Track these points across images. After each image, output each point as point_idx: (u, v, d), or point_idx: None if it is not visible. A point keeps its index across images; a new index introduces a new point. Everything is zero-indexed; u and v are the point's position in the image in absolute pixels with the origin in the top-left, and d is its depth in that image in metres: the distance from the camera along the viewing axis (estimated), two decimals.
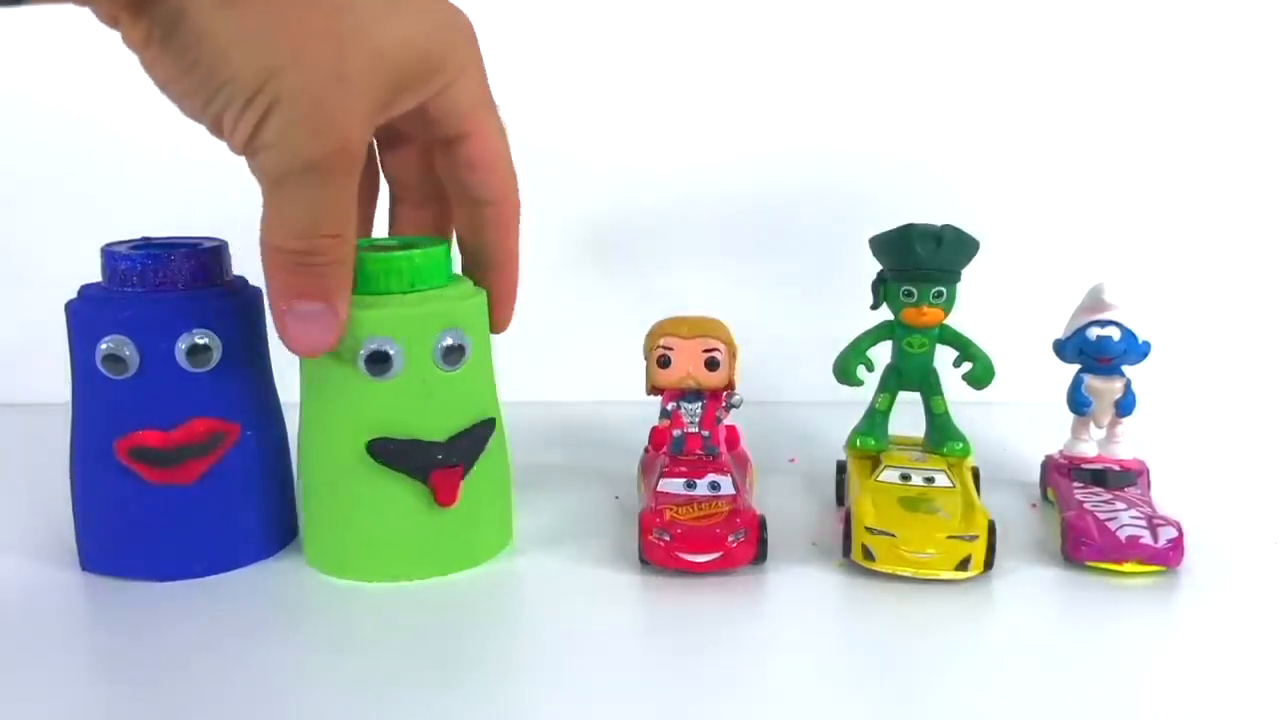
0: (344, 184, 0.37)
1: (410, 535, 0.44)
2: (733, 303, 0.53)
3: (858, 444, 0.51)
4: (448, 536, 0.44)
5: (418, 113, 0.40)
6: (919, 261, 0.48)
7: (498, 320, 0.47)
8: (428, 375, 0.42)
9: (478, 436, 0.44)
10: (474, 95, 0.41)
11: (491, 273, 0.46)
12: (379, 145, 0.46)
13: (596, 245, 0.70)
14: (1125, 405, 0.51)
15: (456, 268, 0.46)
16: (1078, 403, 0.51)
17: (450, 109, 0.40)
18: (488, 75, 0.42)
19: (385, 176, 0.47)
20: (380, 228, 0.48)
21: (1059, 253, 0.68)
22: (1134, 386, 0.50)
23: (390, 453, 0.42)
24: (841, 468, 0.53)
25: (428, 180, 0.45)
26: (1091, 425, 0.52)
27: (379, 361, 0.41)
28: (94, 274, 0.44)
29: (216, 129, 0.36)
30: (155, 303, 0.43)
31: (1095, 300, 0.50)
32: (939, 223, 0.48)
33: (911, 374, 0.51)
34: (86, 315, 0.43)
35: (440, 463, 0.43)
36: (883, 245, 0.49)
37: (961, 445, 0.50)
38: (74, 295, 0.44)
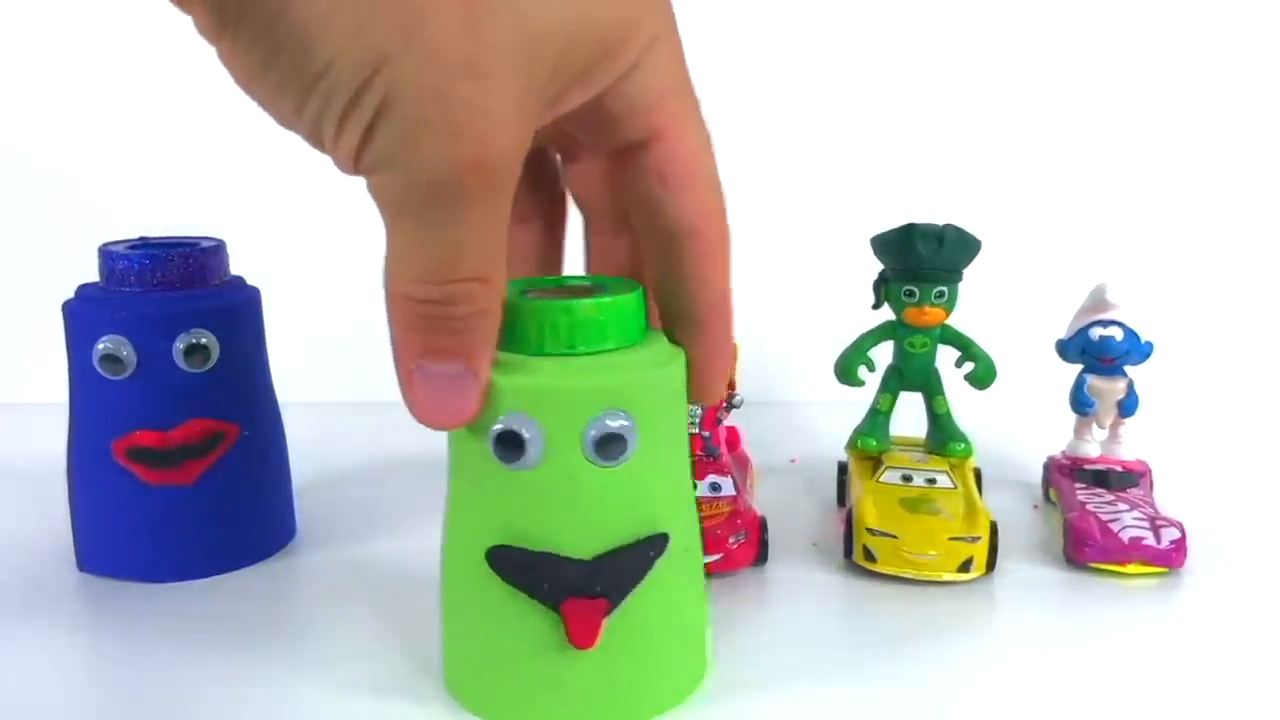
0: (488, 209, 0.28)
1: (538, 677, 0.33)
2: (733, 302, 0.53)
3: (859, 444, 0.51)
4: (588, 686, 0.33)
5: (592, 108, 0.30)
6: (920, 261, 0.48)
7: (702, 389, 0.34)
8: (575, 470, 0.31)
9: (637, 558, 0.32)
10: (666, 81, 0.30)
11: (692, 328, 0.34)
12: (559, 155, 0.36)
13: None
14: (1128, 406, 0.50)
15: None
16: (1080, 403, 0.51)
17: (634, 101, 0.30)
18: (685, 54, 0.31)
19: (571, 196, 0.37)
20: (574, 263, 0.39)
21: (1061, 252, 0.68)
22: (1137, 387, 0.50)
23: (512, 567, 0.32)
24: (843, 468, 0.53)
25: (621, 201, 0.34)
26: (1094, 426, 0.52)
27: (509, 445, 0.31)
28: (91, 274, 0.44)
29: (316, 139, 0.27)
30: (153, 302, 0.42)
31: (1098, 300, 0.50)
32: (941, 222, 0.48)
33: (913, 374, 0.51)
34: (84, 315, 0.42)
35: (575, 589, 0.32)
36: (884, 245, 0.49)
37: (963, 446, 0.50)
38: (71, 295, 0.44)
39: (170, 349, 0.42)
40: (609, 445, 0.31)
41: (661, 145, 0.31)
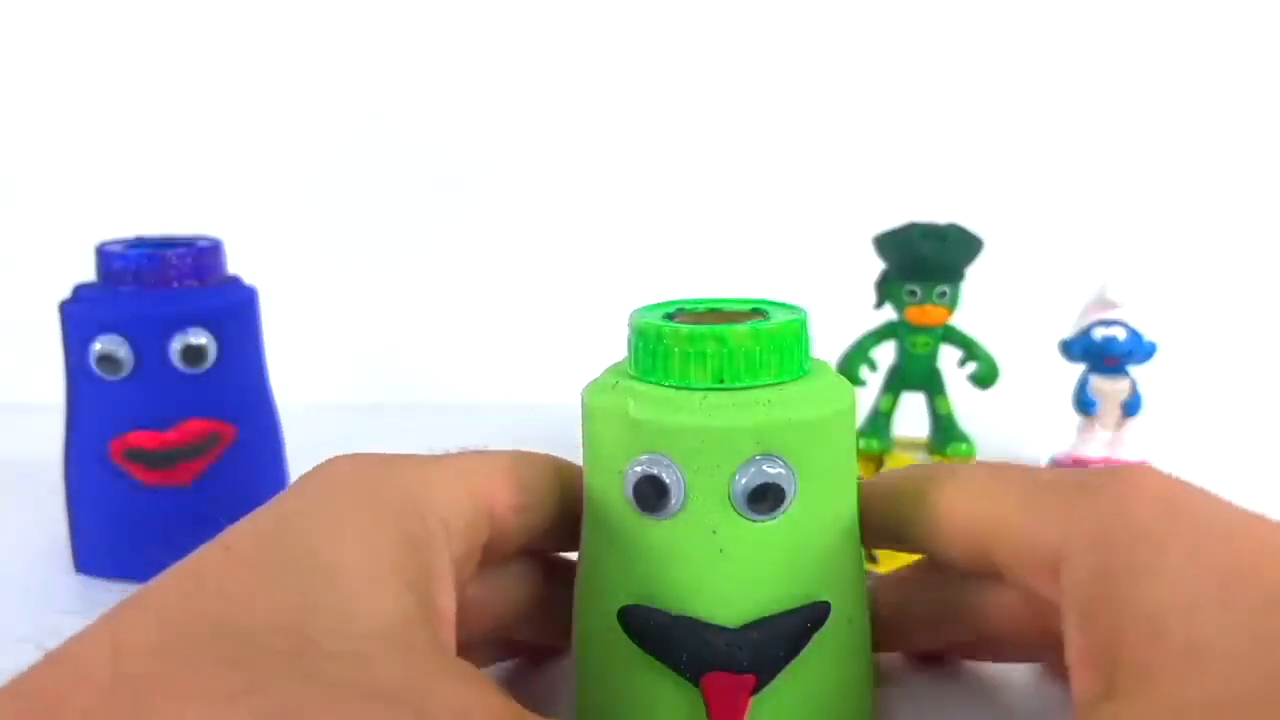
0: None
1: None
2: None
3: (861, 445, 0.51)
4: None
5: None
6: (923, 260, 0.47)
7: None
8: (720, 523, 0.27)
9: (792, 629, 0.27)
10: None
11: None
12: None
13: (597, 244, 0.70)
14: (1131, 406, 0.50)
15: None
16: (1083, 403, 0.50)
17: None
18: None
19: None
20: None
21: (1064, 251, 0.68)
22: (1140, 387, 0.50)
23: (645, 631, 0.28)
24: None
25: None
26: (1097, 426, 0.51)
27: (649, 492, 0.27)
28: (88, 273, 0.44)
29: None
30: (150, 302, 0.42)
31: (1101, 299, 0.50)
32: (943, 220, 0.48)
33: (915, 374, 0.50)
34: (80, 315, 0.42)
35: (718, 662, 0.27)
36: (886, 243, 0.49)
37: (966, 446, 0.50)
38: (68, 295, 0.44)
39: (167, 349, 0.42)
40: (761, 496, 0.27)
41: None
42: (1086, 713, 0.22)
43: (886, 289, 0.49)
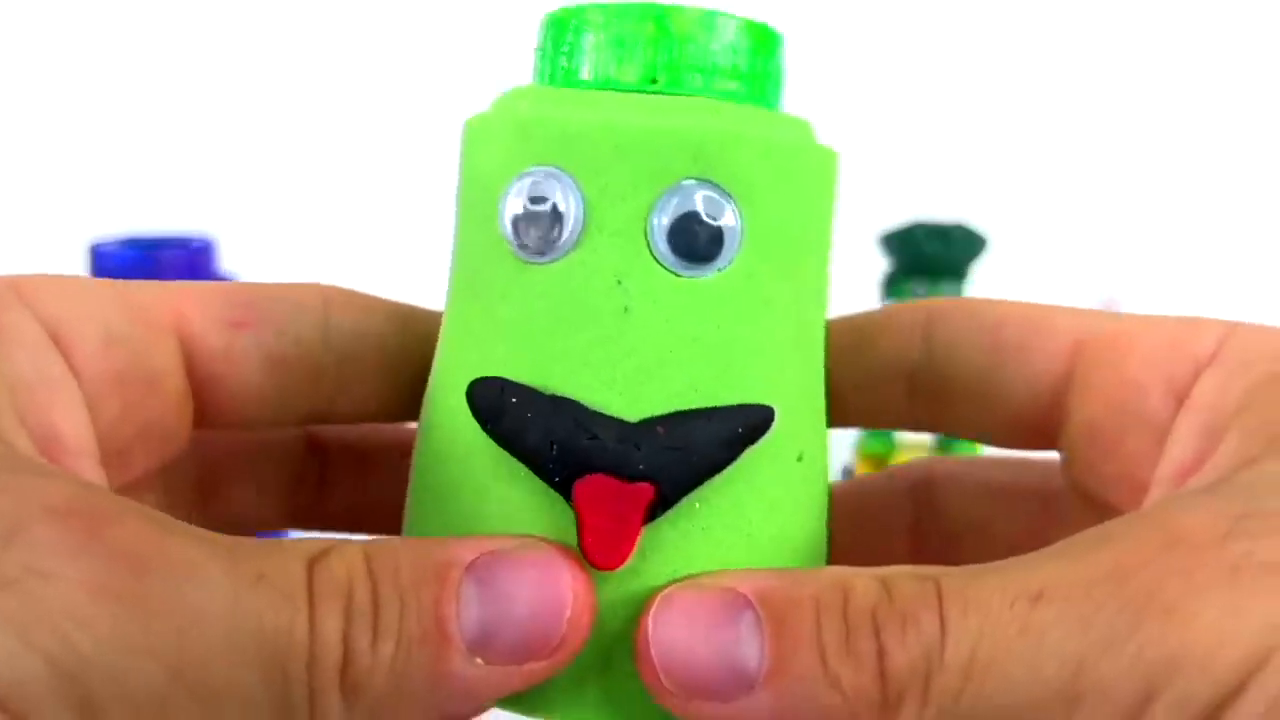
0: None
1: None
2: None
3: (865, 448, 0.51)
4: (607, 638, 0.18)
5: None
6: (927, 259, 0.48)
7: None
8: (630, 270, 0.18)
9: (715, 433, 0.19)
10: None
11: None
12: None
13: None
14: None
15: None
16: None
17: None
18: None
19: None
20: None
21: (1070, 251, 0.68)
22: None
23: (498, 410, 0.19)
24: (848, 472, 0.52)
25: None
26: None
27: (529, 220, 0.19)
28: (80, 272, 0.43)
29: None
30: None
31: (1106, 300, 0.50)
32: (947, 220, 0.48)
33: None
34: None
35: (600, 459, 0.18)
36: (891, 242, 0.49)
37: (970, 449, 0.50)
38: None
39: None
40: (691, 238, 0.18)
41: None
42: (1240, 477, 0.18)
43: (891, 288, 0.49)
